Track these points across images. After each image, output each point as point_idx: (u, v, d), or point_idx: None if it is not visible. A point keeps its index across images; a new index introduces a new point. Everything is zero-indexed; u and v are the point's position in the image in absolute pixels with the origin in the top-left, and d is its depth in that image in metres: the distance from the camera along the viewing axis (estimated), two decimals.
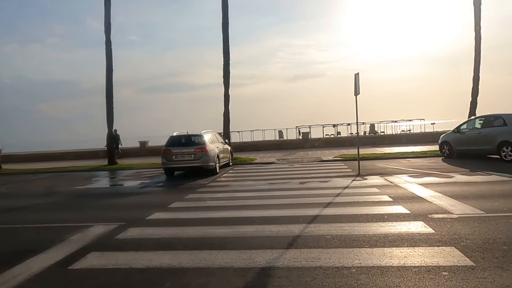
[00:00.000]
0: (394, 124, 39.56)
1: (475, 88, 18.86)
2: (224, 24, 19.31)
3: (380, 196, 8.13)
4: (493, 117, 14.06)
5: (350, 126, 40.58)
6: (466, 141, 14.83)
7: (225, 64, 19.63)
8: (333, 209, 7.13)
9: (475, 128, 14.73)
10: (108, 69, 20.60)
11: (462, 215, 6.11)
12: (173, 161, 13.84)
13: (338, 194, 8.66)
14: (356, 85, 12.20)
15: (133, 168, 18.74)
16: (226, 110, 19.75)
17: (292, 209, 7.25)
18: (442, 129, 35.14)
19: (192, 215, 7.39)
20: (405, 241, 4.94)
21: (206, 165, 13.73)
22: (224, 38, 19.31)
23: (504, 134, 13.19)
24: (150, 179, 14.02)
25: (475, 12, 18.44)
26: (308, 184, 10.61)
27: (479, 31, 18.42)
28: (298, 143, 27.11)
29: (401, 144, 24.00)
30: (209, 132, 15.13)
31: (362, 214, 6.54)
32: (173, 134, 14.72)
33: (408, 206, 7.01)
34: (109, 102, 20.79)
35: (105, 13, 20.17)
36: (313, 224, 6.02)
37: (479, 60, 18.53)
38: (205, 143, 13.92)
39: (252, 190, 10.02)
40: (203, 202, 8.78)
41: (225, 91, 19.57)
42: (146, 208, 8.23)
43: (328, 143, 26.81)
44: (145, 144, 27.91)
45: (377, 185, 9.66)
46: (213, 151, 14.16)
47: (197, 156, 13.63)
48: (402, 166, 13.80)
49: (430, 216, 6.14)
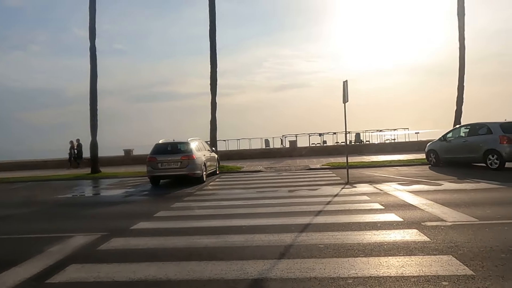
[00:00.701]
0: (379, 133, 39.94)
1: (459, 97, 19.12)
2: (211, 32, 19.19)
3: (371, 204, 8.00)
4: (479, 126, 14.20)
5: (336, 135, 40.93)
6: (452, 150, 14.93)
7: (212, 72, 19.47)
8: (324, 217, 6.95)
9: (461, 137, 14.86)
10: (92, 76, 20.18)
11: (455, 223, 6.01)
12: (158, 169, 13.50)
13: (328, 202, 8.51)
14: (344, 93, 12.17)
15: (118, 176, 18.28)
16: (213, 118, 19.53)
17: (283, 218, 7.04)
18: (426, 138, 35.63)
19: (178, 224, 7.11)
20: (401, 249, 4.78)
21: (193, 173, 13.43)
22: (211, 46, 19.18)
23: (489, 143, 13.31)
24: (135, 188, 13.64)
25: (459, 23, 18.78)
26: (297, 192, 10.43)
27: (463, 41, 18.75)
28: (285, 151, 27.03)
29: (387, 152, 24.10)
30: (195, 140, 14.87)
31: (354, 222, 6.38)
32: (159, 142, 14.40)
33: (400, 213, 6.88)
34: (93, 110, 20.32)
35: (90, 18, 19.82)
36: (305, 233, 5.82)
37: (463, 70, 18.82)
38: (192, 150, 13.64)
39: (241, 199, 9.78)
40: (190, 211, 8.50)
41: (212, 99, 19.37)
42: (131, 217, 7.91)
43: (315, 151, 26.80)
44: (130, 152, 27.40)
45: (367, 193, 9.55)
46: (200, 159, 13.89)
47: (184, 164, 13.33)
48: (390, 174, 13.78)
49: (424, 224, 6.02)
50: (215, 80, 19.53)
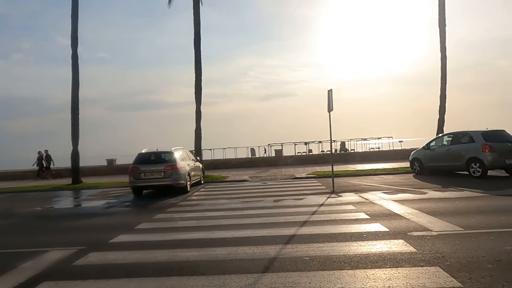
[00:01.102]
0: (363, 142, 40.32)
1: (442, 106, 19.41)
2: (195, 42, 19.09)
3: (356, 214, 7.92)
4: (461, 134, 14.38)
5: (321, 144, 41.09)
6: (436, 158, 15.07)
7: (197, 80, 19.33)
8: (310, 228, 6.82)
9: (444, 145, 15.03)
10: (74, 84, 19.78)
11: (441, 232, 5.95)
12: (141, 180, 13.20)
13: (314, 212, 8.39)
14: (329, 102, 12.16)
15: (99, 187, 17.83)
16: (198, 127, 19.34)
17: (267, 229, 6.89)
18: (410, 147, 36.08)
19: (160, 237, 6.87)
20: (388, 261, 4.68)
21: (177, 183, 13.17)
22: (196, 55, 19.07)
23: (472, 151, 13.47)
24: (117, 199, 13.29)
25: (440, 34, 19.16)
26: (283, 202, 10.30)
27: (444, 51, 19.11)
28: (271, 160, 26.93)
29: (372, 161, 24.26)
30: (179, 149, 14.63)
31: (340, 232, 6.27)
32: (141, 151, 14.11)
33: (386, 223, 6.81)
34: (74, 119, 19.89)
35: (72, 25, 19.49)
36: (290, 245, 5.68)
37: (445, 79, 19.15)
38: (176, 160, 13.40)
39: (225, 209, 9.59)
40: (172, 223, 8.26)
41: (196, 108, 19.20)
42: (110, 230, 7.64)
43: (301, 160, 26.79)
44: (113, 162, 26.90)
45: (353, 202, 9.49)
46: (184, 169, 13.65)
47: (167, 174, 13.07)
48: (375, 182, 13.79)
49: (410, 234, 5.95)
50: (200, 89, 19.40)
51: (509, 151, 13.15)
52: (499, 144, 13.16)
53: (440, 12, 19.37)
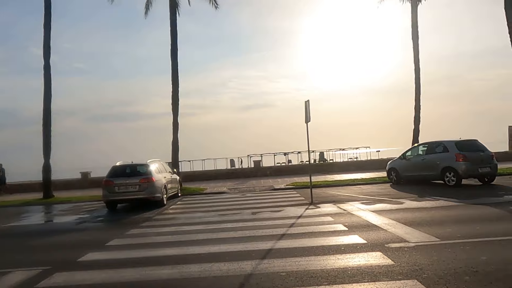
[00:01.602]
0: (342, 152, 40.72)
1: (416, 117, 19.80)
2: (172, 51, 18.90)
3: (334, 225, 7.84)
4: (435, 144, 14.65)
5: (300, 154, 41.24)
6: (412, 168, 15.27)
7: (174, 91, 19.08)
8: (287, 241, 6.68)
9: (420, 155, 15.26)
10: (46, 94, 19.18)
11: (418, 243, 5.92)
12: (115, 193, 12.78)
13: (292, 225, 8.26)
14: (306, 112, 12.17)
15: (72, 201, 17.21)
16: (175, 138, 19.01)
17: (244, 243, 6.70)
18: (386, 156, 36.64)
19: (132, 254, 6.57)
20: (366, 275, 4.58)
21: (152, 196, 12.82)
22: (173, 65, 18.87)
23: (446, 160, 13.72)
24: (89, 214, 12.80)
25: (414, 47, 19.66)
26: (261, 214, 10.13)
27: (418, 63, 19.58)
28: (250, 171, 26.77)
29: (350, 171, 24.40)
30: (156, 161, 14.30)
31: (318, 246, 6.15)
32: (116, 164, 13.70)
33: (364, 235, 6.74)
34: (46, 131, 19.23)
35: (44, 35, 18.97)
36: (266, 260, 5.50)
37: (419, 91, 19.58)
38: (151, 173, 13.06)
39: (201, 223, 9.34)
40: (146, 238, 7.95)
41: (174, 119, 18.91)
42: (80, 247, 7.28)
43: (280, 171, 26.72)
44: (87, 175, 26.12)
45: (331, 214, 9.42)
46: (160, 182, 13.32)
47: (142, 187, 12.70)
48: (354, 193, 13.81)
49: (387, 246, 5.89)
50: (177, 100, 19.15)
51: (482, 160, 13.46)
52: (472, 153, 13.45)
53: (413, 26, 19.92)
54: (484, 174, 13.54)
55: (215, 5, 20.36)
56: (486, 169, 13.45)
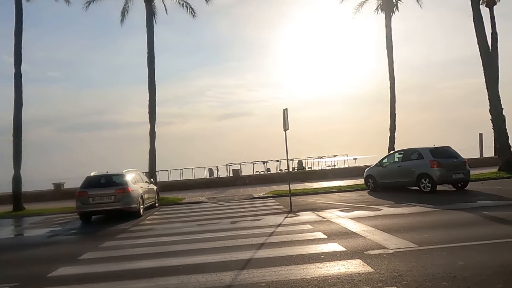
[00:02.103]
0: (320, 160, 41.09)
1: (392, 124, 20.21)
2: (149, 58, 18.67)
3: (314, 233, 7.81)
4: (411, 151, 14.95)
5: (279, 163, 41.33)
6: (389, 174, 15.50)
7: (150, 99, 18.80)
8: (267, 250, 6.59)
9: (396, 162, 15.52)
10: (17, 103, 18.53)
11: (397, 250, 5.94)
12: (89, 205, 12.37)
13: (271, 234, 8.18)
14: (285, 121, 12.19)
15: (44, 213, 16.56)
16: (152, 147, 18.68)
17: (223, 253, 6.57)
18: (363, 164, 37.14)
19: (106, 267, 6.33)
20: (346, 283, 4.54)
21: (129, 207, 12.48)
22: (150, 73, 18.62)
23: (421, 167, 13.99)
24: (62, 226, 12.34)
25: (388, 56, 20.16)
26: (240, 223, 10.01)
27: (392, 72, 20.06)
28: (229, 180, 26.57)
29: (328, 178, 24.55)
30: (132, 171, 13.97)
31: (298, 254, 6.09)
32: (90, 174, 13.29)
33: (343, 243, 6.73)
34: (17, 141, 18.55)
35: (15, 43, 18.41)
36: (246, 270, 5.40)
37: (394, 99, 20.03)
38: (127, 183, 12.73)
39: (179, 234, 9.13)
40: (121, 251, 7.69)
41: (150, 128, 18.60)
42: (51, 262, 6.96)
43: (259, 179, 26.65)
44: (61, 186, 25.28)
45: (310, 222, 9.40)
46: (137, 192, 13.00)
47: (118, 198, 12.35)
48: (332, 200, 13.87)
49: (367, 253, 5.89)
50: (154, 108, 18.87)
51: (455, 166, 13.81)
52: (446, 160, 13.79)
53: (387, 36, 20.45)
54: (457, 180, 13.88)
55: (192, 13, 20.31)
56: (460, 175, 13.79)
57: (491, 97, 19.23)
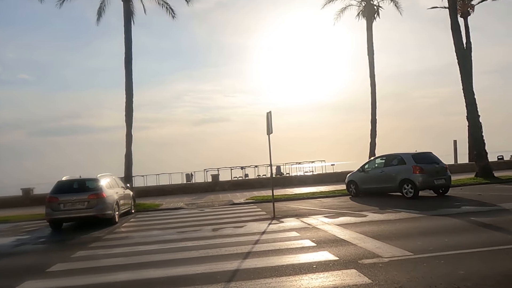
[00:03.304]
0: (298, 166, 41.03)
1: (373, 130, 20.23)
2: (127, 58, 17.95)
3: (302, 241, 7.46)
4: (393, 157, 14.90)
5: (257, 168, 41.05)
6: (371, 180, 15.39)
7: (127, 101, 18.06)
8: (254, 260, 6.18)
9: (378, 167, 15.44)
10: None
11: (392, 259, 5.66)
12: (60, 211, 11.60)
13: (256, 241, 7.78)
14: (268, 124, 11.85)
15: (10, 221, 15.51)
16: (129, 151, 17.92)
17: (207, 263, 6.12)
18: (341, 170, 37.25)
19: (77, 280, 5.76)
20: None
21: (103, 214, 11.78)
22: (127, 73, 17.91)
23: (404, 172, 13.93)
24: (30, 235, 11.50)
25: (369, 62, 20.25)
26: (222, 231, 9.55)
27: (373, 78, 20.16)
28: (207, 186, 25.97)
29: (308, 184, 24.37)
30: (107, 176, 13.26)
31: (288, 264, 5.71)
32: (61, 179, 12.51)
33: (334, 251, 6.40)
34: None
35: None
36: (234, 283, 4.97)
37: (375, 105, 20.09)
38: (102, 188, 12.04)
39: (158, 242, 8.59)
40: (94, 262, 7.09)
41: (127, 130, 17.83)
42: (16, 275, 6.32)
43: (238, 185, 26.17)
44: (30, 191, 23.98)
45: (296, 228, 9.05)
46: (112, 198, 12.31)
47: (92, 204, 11.64)
48: (315, 206, 13.60)
49: (361, 262, 5.57)
50: (131, 111, 18.13)
51: (437, 172, 13.82)
52: (427, 165, 13.78)
53: (368, 42, 20.57)
54: (439, 185, 13.89)
55: (172, 14, 19.81)
56: (441, 181, 13.81)
57: (468, 104, 19.57)
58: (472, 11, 27.48)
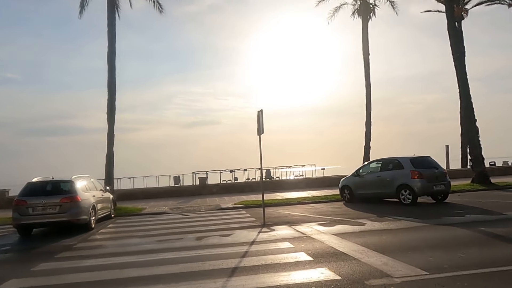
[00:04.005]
0: (288, 170, 40.28)
1: (367, 133, 19.55)
2: (110, 53, 16.88)
3: (296, 254, 6.59)
4: (389, 161, 14.15)
5: (247, 172, 40.12)
6: (366, 185, 14.61)
7: (110, 97, 16.92)
8: (242, 278, 5.29)
9: (374, 172, 14.67)
10: None
11: (405, 279, 4.83)
12: (29, 216, 10.53)
13: (245, 254, 6.89)
14: (259, 124, 11.00)
15: None
16: (110, 151, 16.81)
17: (188, 281, 5.22)
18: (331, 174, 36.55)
19: None
20: None
21: (77, 219, 10.74)
22: (110, 67, 16.83)
23: (401, 177, 13.19)
24: None
25: (364, 61, 19.59)
26: (207, 239, 8.63)
27: (368, 79, 19.48)
28: (195, 189, 24.92)
29: (299, 188, 23.57)
30: (83, 177, 12.21)
31: (282, 285, 4.84)
32: (31, 180, 11.43)
33: (334, 267, 5.55)
34: None
35: None
36: None
37: (370, 106, 19.41)
38: (76, 191, 11.00)
39: (135, 253, 7.63)
40: (58, 277, 6.11)
41: (109, 129, 16.72)
42: None
43: (227, 189, 25.18)
44: (5, 193, 22.65)
45: (288, 238, 8.19)
46: (87, 201, 11.29)
47: (64, 208, 10.61)
48: (308, 212, 12.76)
49: (368, 283, 4.73)
50: (113, 107, 17.01)
51: (436, 177, 13.11)
52: (426, 170, 13.06)
53: (364, 41, 19.93)
54: (438, 192, 13.18)
55: (159, 8, 18.85)
56: (441, 187, 13.11)
57: (464, 108, 19.04)
58: (466, 15, 27.09)
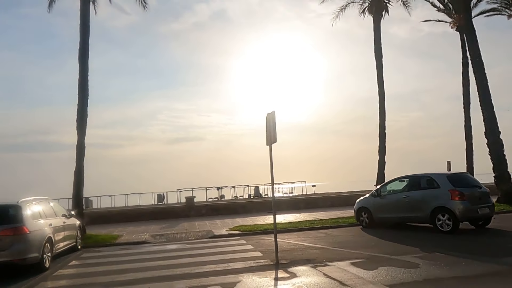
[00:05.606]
0: (278, 187, 37.77)
1: (381, 145, 17.30)
2: (82, 48, 14.20)
3: None
4: (420, 178, 11.75)
5: (234, 189, 37.43)
6: (390, 207, 12.13)
7: (80, 101, 14.14)
8: None
9: (399, 192, 12.20)
10: None
11: None
12: None
13: None
14: (270, 130, 8.42)
15: None
16: (79, 167, 13.90)
17: None
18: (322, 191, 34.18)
19: None
20: None
21: (21, 258, 7.89)
22: (82, 66, 14.10)
23: (438, 199, 10.75)
24: None
25: (377, 67, 17.64)
26: None
27: (382, 85, 17.38)
28: (181, 210, 21.94)
29: (298, 209, 20.78)
30: (37, 200, 9.36)
31: None
32: None
33: None
34: None
35: None
36: None
37: (384, 116, 17.25)
38: (23, 219, 8.18)
39: None
40: None
41: (78, 140, 13.84)
42: None
43: (217, 210, 22.19)
44: None
45: None
46: (39, 233, 8.46)
47: (5, 244, 7.78)
48: (324, 243, 10.20)
49: None
50: (85, 113, 14.18)
51: (479, 198, 10.77)
52: (468, 189, 10.70)
53: (375, 42, 17.99)
54: (483, 216, 10.81)
55: (143, 3, 16.42)
56: (486, 210, 10.73)
57: (487, 120, 16.98)
58: None
